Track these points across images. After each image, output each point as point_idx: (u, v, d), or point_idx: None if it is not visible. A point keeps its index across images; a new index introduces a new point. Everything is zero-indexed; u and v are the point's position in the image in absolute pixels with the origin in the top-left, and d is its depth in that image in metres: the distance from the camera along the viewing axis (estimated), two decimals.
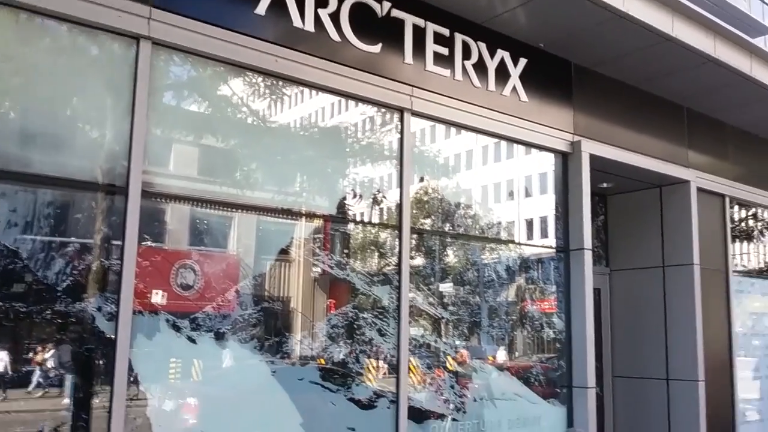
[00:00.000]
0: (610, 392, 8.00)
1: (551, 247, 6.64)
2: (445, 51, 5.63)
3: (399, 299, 5.23)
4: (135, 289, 4.02)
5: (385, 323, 5.17)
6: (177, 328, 4.23)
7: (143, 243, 4.14)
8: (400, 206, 5.35)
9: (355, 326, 5.04)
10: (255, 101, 4.82)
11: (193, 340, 4.27)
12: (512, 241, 6.45)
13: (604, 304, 8.13)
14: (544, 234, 6.76)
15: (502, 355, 6.21)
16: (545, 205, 6.76)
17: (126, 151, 4.08)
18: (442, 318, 5.73)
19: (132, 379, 4.00)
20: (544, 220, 6.79)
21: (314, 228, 5.04)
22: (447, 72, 5.64)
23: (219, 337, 4.37)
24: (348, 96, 5.16)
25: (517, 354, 6.41)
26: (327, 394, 4.78)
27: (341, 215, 5.22)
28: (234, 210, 4.68)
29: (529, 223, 6.75)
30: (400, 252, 5.30)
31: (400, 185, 5.38)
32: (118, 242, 4.02)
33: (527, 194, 6.73)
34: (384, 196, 5.44)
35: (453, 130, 5.96)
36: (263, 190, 4.89)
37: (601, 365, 7.92)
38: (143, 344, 4.08)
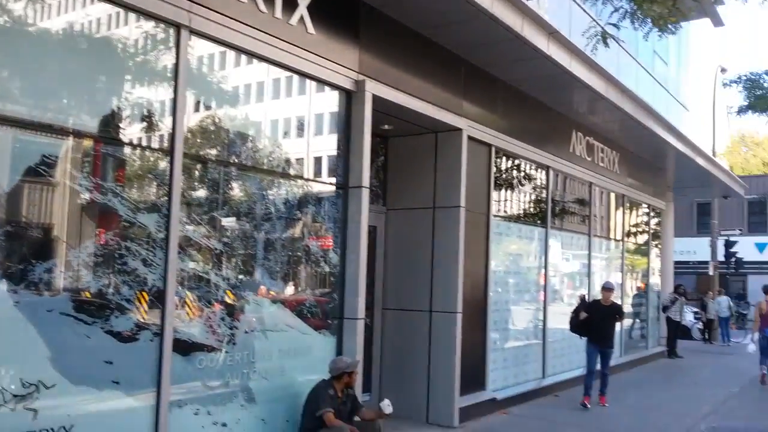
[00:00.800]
0: (379, 323, 8.47)
1: (331, 184, 6.75)
2: None
3: (168, 229, 4.99)
4: None
5: (152, 253, 4.91)
6: None
7: None
8: (173, 131, 5.06)
9: (118, 256, 4.73)
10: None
11: None
12: (293, 176, 6.43)
13: (380, 241, 8.50)
14: (325, 171, 6.84)
15: (277, 288, 6.24)
16: (328, 142, 6.82)
17: None
18: (217, 250, 5.59)
19: None
20: (326, 158, 6.86)
21: (80, 149, 4.58)
22: None
23: None
24: (118, 3, 4.69)
25: (292, 287, 6.48)
26: (81, 327, 4.44)
27: (111, 137, 4.79)
28: None
29: (311, 159, 6.77)
30: (170, 179, 5.03)
31: (174, 108, 5.07)
32: None
33: (311, 130, 6.71)
34: (159, 120, 5.09)
35: (244, 59, 5.74)
36: (18, 102, 4.33)
37: (372, 298, 8.33)
38: None
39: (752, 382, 12.88)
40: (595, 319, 9.83)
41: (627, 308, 15.07)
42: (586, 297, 10.59)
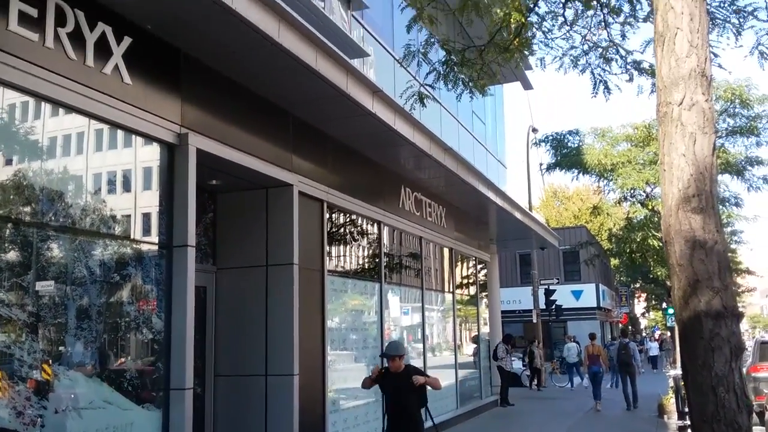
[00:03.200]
0: (211, 391, 7.96)
1: (154, 243, 6.32)
2: (34, 12, 4.92)
3: None
4: None
5: None
6: None
7: None
8: None
9: None
10: None
11: None
12: (112, 236, 5.94)
13: (210, 302, 8.08)
14: (148, 230, 6.41)
15: (92, 360, 5.65)
16: (150, 199, 6.42)
17: None
18: (21, 321, 4.96)
19: None
20: (148, 216, 6.44)
21: None
22: (35, 36, 4.93)
23: None
24: None
25: (110, 358, 5.90)
26: None
27: None
28: None
29: (133, 218, 6.31)
30: None
31: None
32: None
33: (132, 187, 6.28)
34: None
35: (59, 110, 5.30)
36: None
37: (203, 364, 7.84)
38: None
39: (577, 423, 13.66)
40: (386, 395, 7.07)
41: (464, 358, 15.54)
42: (381, 365, 7.14)
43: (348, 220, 10.34)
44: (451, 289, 15.05)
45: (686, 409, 7.15)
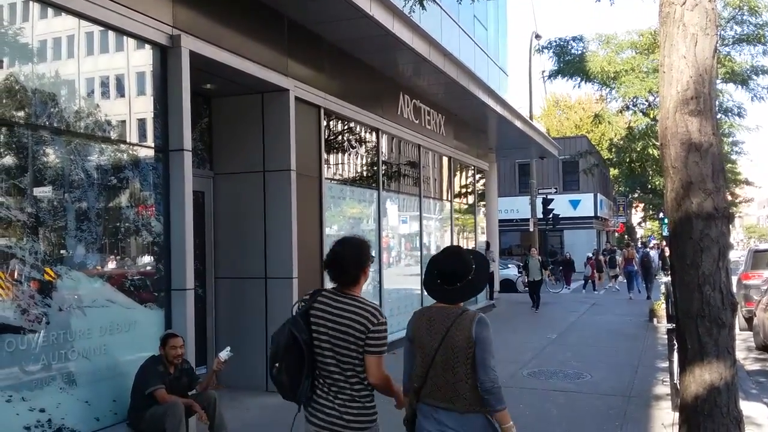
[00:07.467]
0: (212, 293, 8.16)
1: (150, 147, 6.31)
2: None
3: None
4: None
5: None
6: None
7: None
8: None
9: None
10: None
11: None
12: (108, 139, 5.92)
13: (208, 207, 8.15)
14: (143, 133, 6.38)
15: (92, 262, 5.76)
16: (144, 103, 6.36)
17: None
18: (21, 222, 5.03)
19: None
20: (143, 119, 6.40)
21: None
22: None
23: None
24: None
25: (112, 259, 6.02)
26: None
27: None
28: None
29: (128, 121, 6.28)
30: None
31: None
32: None
33: (126, 89, 6.20)
34: None
35: (49, 11, 5.17)
36: None
37: (204, 267, 8.00)
38: None
39: (568, 329, 14.05)
40: None
41: None
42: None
43: (346, 127, 10.26)
44: (450, 198, 15.12)
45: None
